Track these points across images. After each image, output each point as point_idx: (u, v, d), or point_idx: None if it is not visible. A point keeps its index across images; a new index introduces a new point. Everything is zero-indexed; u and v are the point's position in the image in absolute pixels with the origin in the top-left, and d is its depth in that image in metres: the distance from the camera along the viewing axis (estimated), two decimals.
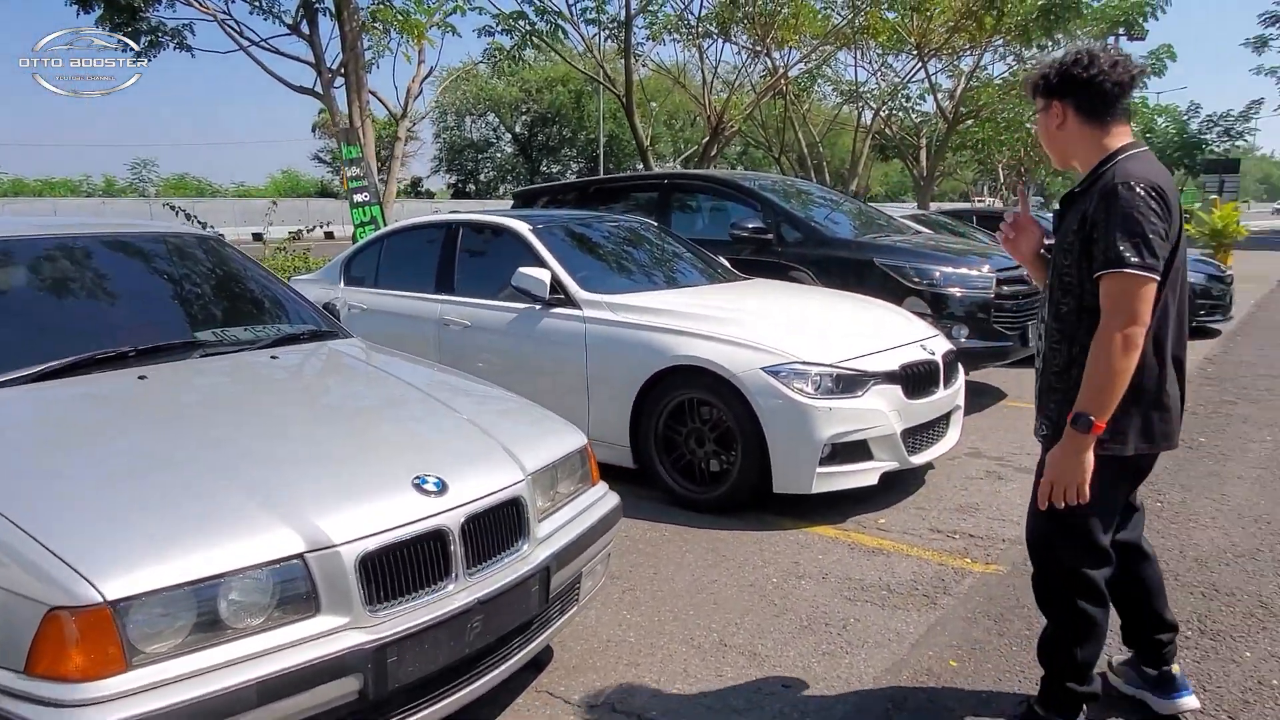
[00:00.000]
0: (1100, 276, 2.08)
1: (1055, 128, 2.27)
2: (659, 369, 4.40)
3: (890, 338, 4.51)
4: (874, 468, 4.23)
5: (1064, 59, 2.23)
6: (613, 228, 5.85)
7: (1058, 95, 2.24)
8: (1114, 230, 2.06)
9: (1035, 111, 2.37)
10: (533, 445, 2.62)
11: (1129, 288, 2.05)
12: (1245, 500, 4.51)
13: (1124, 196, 2.08)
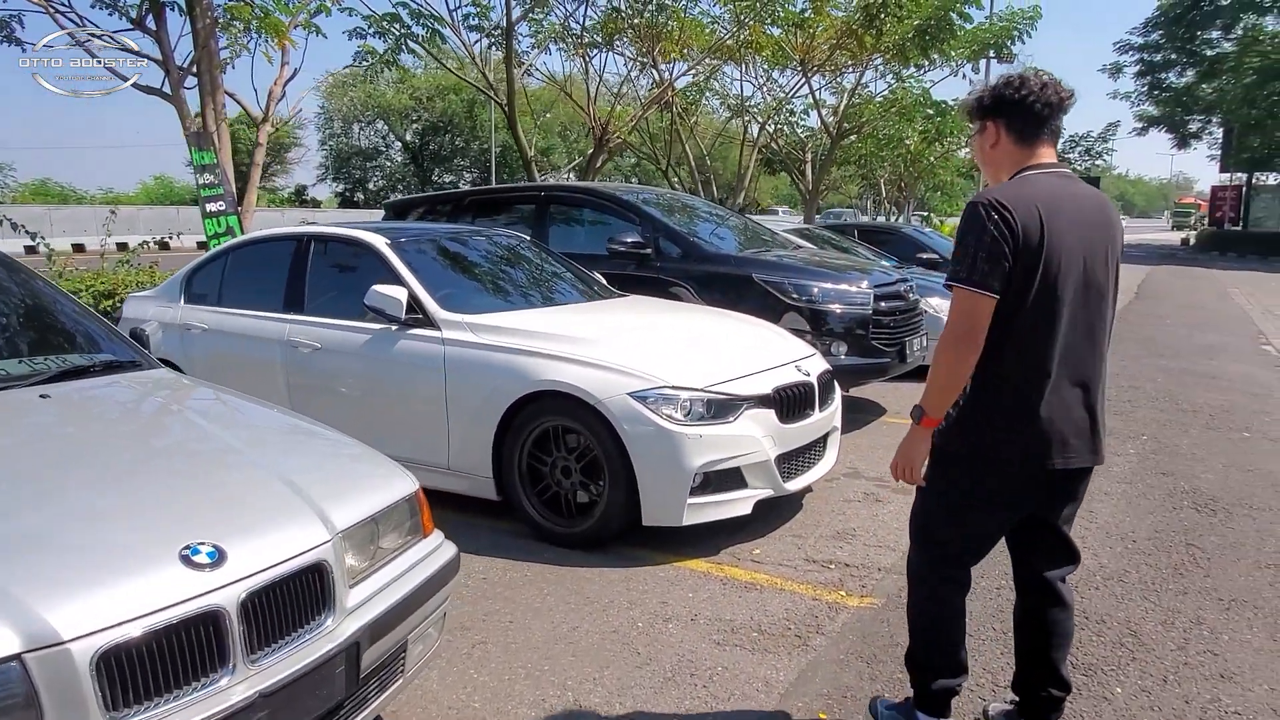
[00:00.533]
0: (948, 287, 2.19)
1: (989, 147, 2.32)
2: (522, 394, 4.10)
3: (764, 359, 4.34)
4: (748, 496, 4.04)
5: (998, 82, 2.30)
6: (482, 242, 5.51)
7: (991, 116, 2.29)
8: (956, 245, 2.17)
9: (972, 134, 2.41)
10: (348, 497, 2.28)
11: (958, 301, 2.15)
12: (1111, 518, 4.53)
13: (968, 213, 2.17)
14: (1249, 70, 35.07)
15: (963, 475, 2.29)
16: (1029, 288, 2.13)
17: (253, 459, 2.38)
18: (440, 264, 5.10)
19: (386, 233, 5.03)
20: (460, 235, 5.52)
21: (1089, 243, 2.19)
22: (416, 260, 4.90)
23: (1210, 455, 5.74)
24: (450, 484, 4.45)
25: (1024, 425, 2.21)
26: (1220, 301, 16.96)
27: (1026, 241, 2.11)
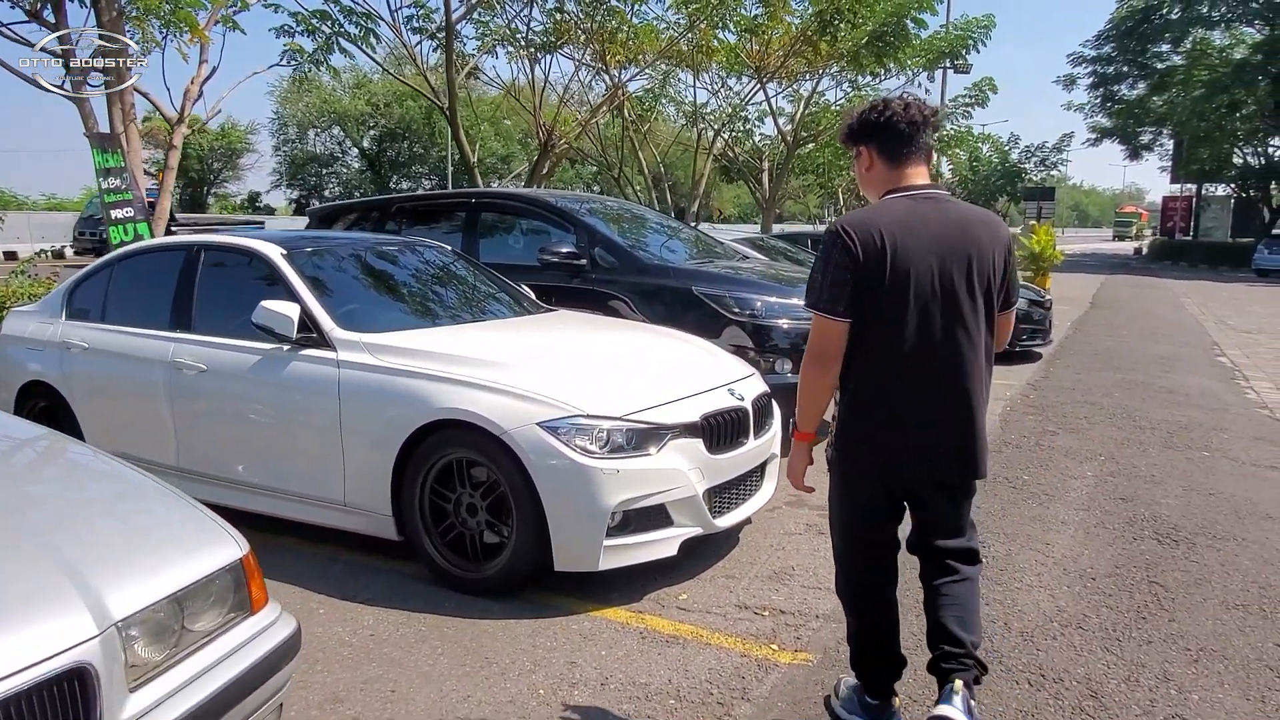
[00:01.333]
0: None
1: (865, 170, 2.42)
2: (422, 423, 3.67)
3: (693, 382, 3.95)
4: (673, 536, 3.64)
5: (863, 108, 2.39)
6: (395, 253, 5.07)
7: (862, 141, 2.38)
8: (811, 271, 2.34)
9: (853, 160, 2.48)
10: (144, 571, 1.84)
11: (814, 324, 2.34)
12: (1069, 551, 4.21)
13: (824, 239, 2.32)
14: (1198, 83, 35.68)
15: (839, 482, 2.52)
16: (875, 307, 2.25)
17: (29, 527, 1.92)
18: (345, 277, 4.66)
19: (283, 242, 4.57)
20: (372, 245, 5.07)
21: (942, 262, 2.26)
22: (316, 273, 4.46)
23: (1170, 477, 5.46)
24: (347, 522, 4.00)
25: (882, 437, 2.36)
26: (1174, 311, 16.97)
27: (867, 264, 2.21)
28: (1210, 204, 46.28)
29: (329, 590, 3.73)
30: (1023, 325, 10.11)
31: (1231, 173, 41.96)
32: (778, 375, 5.72)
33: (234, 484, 4.30)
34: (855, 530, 2.55)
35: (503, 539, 3.61)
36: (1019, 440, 6.34)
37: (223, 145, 53.59)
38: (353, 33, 9.44)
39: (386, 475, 3.78)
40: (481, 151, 51.19)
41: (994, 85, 20.31)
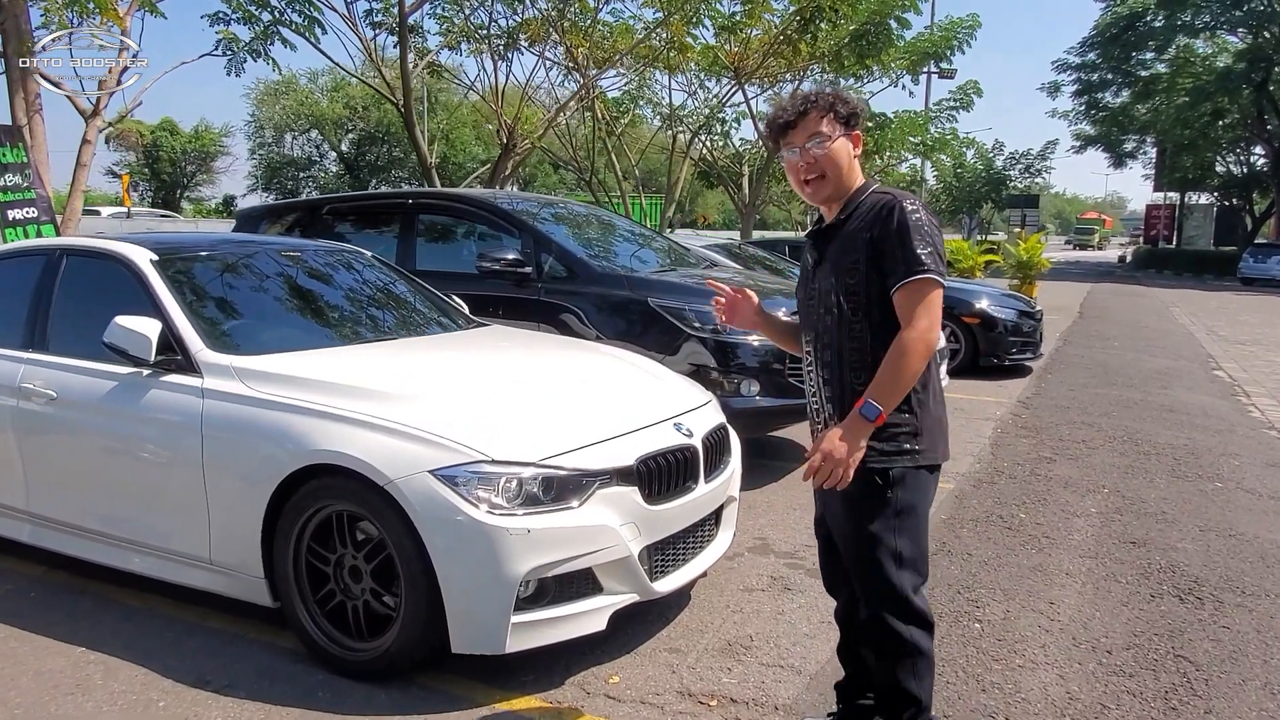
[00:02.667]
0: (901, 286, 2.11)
1: (855, 156, 2.28)
2: (294, 469, 2.99)
3: (631, 415, 3.29)
4: (602, 606, 2.97)
5: (831, 95, 2.25)
6: (299, 259, 4.38)
7: (850, 124, 2.25)
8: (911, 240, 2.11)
9: (824, 140, 2.22)
10: None
11: (935, 295, 2.11)
12: (1078, 613, 3.57)
13: (907, 212, 2.14)
14: (1181, 91, 35.46)
15: (914, 486, 2.20)
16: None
17: None
18: (232, 288, 3.98)
19: (157, 245, 3.89)
20: (271, 250, 4.38)
21: None
22: (195, 282, 3.79)
23: (1184, 515, 4.84)
24: (215, 583, 3.32)
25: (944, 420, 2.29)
26: (1164, 321, 16.48)
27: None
28: (1193, 212, 46.17)
29: (180, 672, 3.04)
30: (1012, 338, 9.53)
31: (1214, 181, 41.85)
32: (744, 399, 5.08)
33: (93, 534, 3.61)
34: (925, 542, 2.26)
35: (391, 611, 2.93)
36: (1012, 469, 5.72)
37: (196, 148, 52.62)
38: (296, 21, 8.74)
39: (256, 530, 3.10)
40: (463, 156, 50.48)
41: (979, 89, 19.85)
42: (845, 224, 2.23)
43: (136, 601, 3.60)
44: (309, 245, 4.73)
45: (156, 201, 52.08)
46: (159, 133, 51.04)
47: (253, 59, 8.71)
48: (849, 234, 2.20)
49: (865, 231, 2.15)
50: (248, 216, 7.15)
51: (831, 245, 2.25)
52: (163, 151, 51.55)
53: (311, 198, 11.76)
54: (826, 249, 2.27)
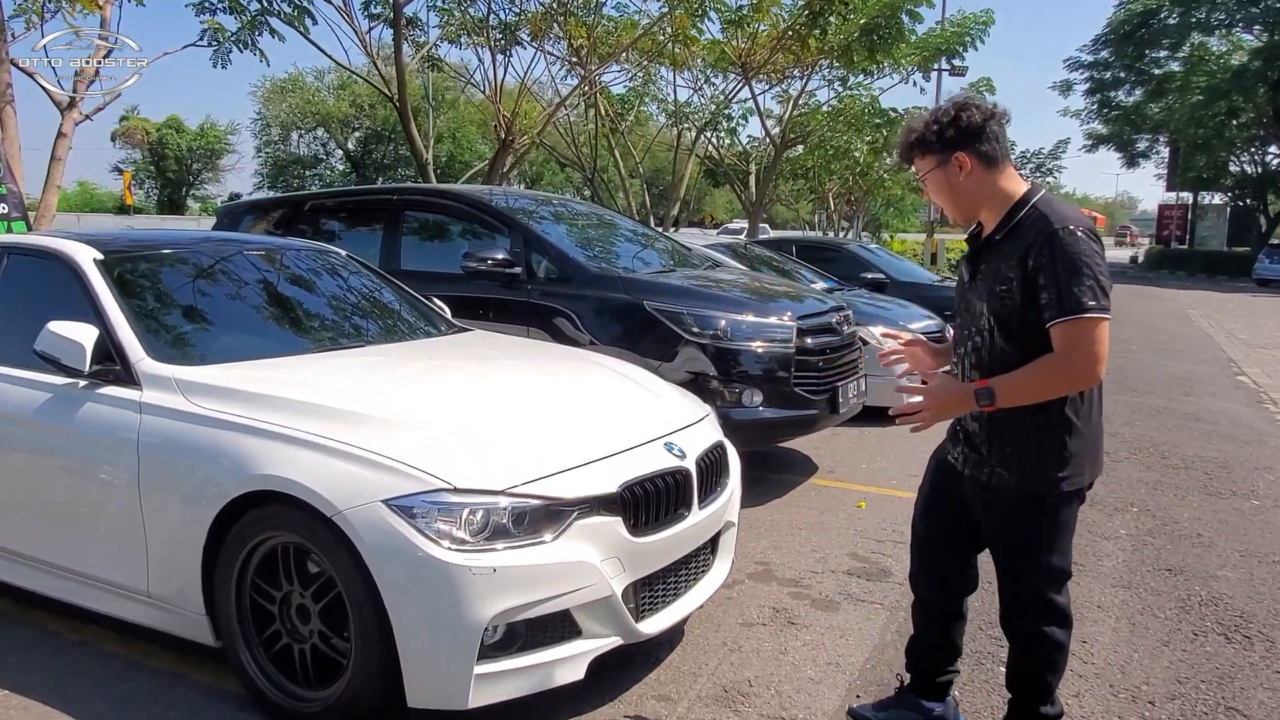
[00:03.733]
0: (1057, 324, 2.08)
1: (963, 179, 2.22)
2: (236, 495, 2.66)
3: (617, 435, 2.94)
4: (581, 652, 2.63)
5: (946, 114, 2.21)
6: (265, 259, 4.05)
7: (956, 147, 2.20)
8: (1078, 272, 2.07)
9: (921, 176, 2.31)
10: None
11: (1099, 329, 2.06)
12: (1114, 655, 3.22)
13: (1076, 240, 2.08)
14: (1195, 90, 34.94)
15: (1063, 506, 2.23)
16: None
17: None
18: (185, 291, 3.64)
19: (104, 243, 3.56)
20: (234, 249, 4.06)
21: None
22: (145, 284, 3.47)
23: (1221, 537, 4.48)
24: (155, 618, 2.98)
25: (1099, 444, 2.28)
26: (1182, 324, 16.07)
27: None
28: (1206, 212, 45.58)
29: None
30: None
31: (1228, 181, 41.28)
32: (746, 410, 4.74)
33: (26, 560, 3.28)
34: (1070, 549, 2.31)
35: (342, 658, 2.60)
36: None
37: (202, 146, 52.49)
38: (285, 10, 8.41)
39: (196, 561, 2.77)
40: (470, 155, 50.16)
41: (991, 86, 19.38)
42: (1001, 242, 2.20)
43: (77, 635, 3.28)
44: (277, 244, 4.40)
45: (162, 200, 52.02)
46: (165, 130, 50.97)
47: (239, 50, 8.42)
48: (1003, 255, 2.17)
49: (1020, 257, 2.12)
50: (229, 213, 6.84)
51: (987, 261, 2.23)
52: (168, 149, 51.46)
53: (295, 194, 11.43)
54: (980, 265, 2.26)
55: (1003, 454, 2.21)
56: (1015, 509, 2.23)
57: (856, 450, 6.19)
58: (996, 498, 2.25)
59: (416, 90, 24.13)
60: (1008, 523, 2.26)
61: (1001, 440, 2.21)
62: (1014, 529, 2.25)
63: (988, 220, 2.28)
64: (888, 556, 4.17)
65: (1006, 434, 2.20)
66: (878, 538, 4.43)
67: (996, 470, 2.22)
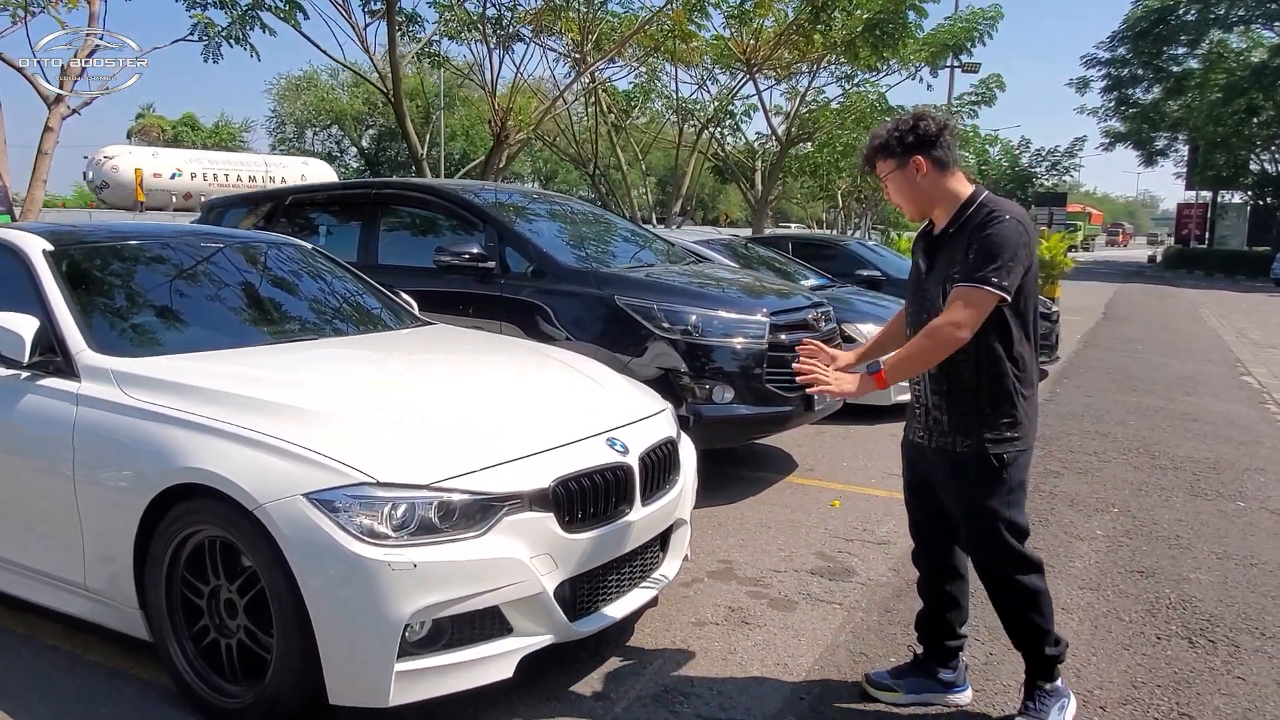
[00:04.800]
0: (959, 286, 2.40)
1: (919, 179, 2.53)
2: (163, 487, 2.63)
3: (554, 429, 2.89)
4: (510, 650, 2.59)
5: (905, 123, 2.55)
6: (220, 251, 4.02)
7: (914, 151, 2.51)
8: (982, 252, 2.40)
9: (882, 177, 2.62)
10: None
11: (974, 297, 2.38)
12: (1072, 658, 3.11)
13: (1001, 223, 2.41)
14: (1214, 87, 34.48)
15: (1016, 469, 2.51)
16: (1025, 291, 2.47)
17: None
18: (136, 282, 3.63)
19: (54, 235, 3.54)
20: (192, 241, 4.03)
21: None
22: (92, 276, 3.46)
23: (1199, 539, 4.38)
24: (92, 612, 2.97)
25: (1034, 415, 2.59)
26: (1192, 323, 15.85)
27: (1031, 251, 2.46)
28: (1226, 211, 44.97)
29: (36, 716, 2.70)
30: None
31: (1248, 179, 40.66)
32: (716, 406, 4.69)
33: None
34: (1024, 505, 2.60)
35: (267, 653, 2.56)
36: None
37: (217, 143, 52.87)
38: (277, 5, 8.40)
39: (128, 554, 2.75)
40: (482, 152, 50.31)
41: (1001, 83, 19.24)
42: (953, 235, 2.50)
43: (24, 629, 3.26)
44: (238, 236, 4.38)
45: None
46: (180, 128, 51.39)
47: (229, 45, 8.42)
48: (954, 246, 2.47)
49: (965, 245, 2.42)
50: (211, 207, 6.84)
51: (940, 254, 2.54)
52: (184, 146, 51.79)
53: (276, 188, 11.41)
54: (936, 257, 2.56)
55: (962, 423, 2.51)
56: (976, 469, 2.49)
57: (839, 448, 6.11)
58: (959, 461, 2.52)
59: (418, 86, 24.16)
60: (969, 483, 2.52)
61: (959, 412, 2.51)
62: (975, 488, 2.51)
63: (939, 217, 2.57)
64: (854, 556, 4.10)
65: (963, 406, 2.50)
66: (847, 537, 4.35)
67: (956, 438, 2.52)
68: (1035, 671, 2.63)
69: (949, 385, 2.51)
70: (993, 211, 2.42)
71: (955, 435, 2.52)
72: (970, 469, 2.50)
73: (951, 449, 2.53)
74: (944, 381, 2.52)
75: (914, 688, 2.82)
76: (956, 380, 2.49)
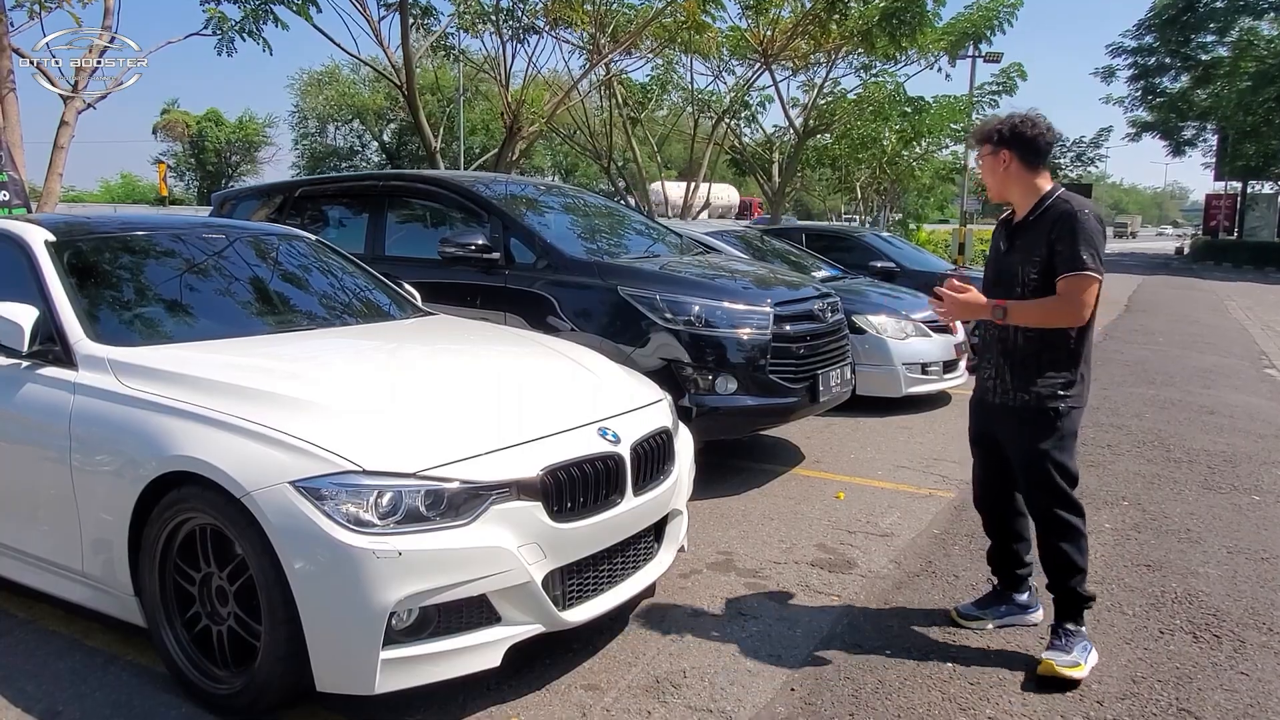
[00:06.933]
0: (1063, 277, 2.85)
1: (1002, 170, 3.00)
2: (156, 475, 2.65)
3: (545, 419, 2.88)
4: (498, 639, 2.59)
5: (1013, 119, 2.99)
6: (223, 243, 4.04)
7: (1006, 145, 2.97)
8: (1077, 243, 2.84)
9: (979, 157, 3.13)
10: None
11: (1082, 284, 2.83)
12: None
13: (1082, 218, 2.86)
14: (1244, 75, 33.82)
15: (1071, 423, 2.99)
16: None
17: None
18: (138, 273, 3.65)
19: (57, 226, 3.58)
20: (195, 232, 4.05)
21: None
22: (94, 267, 3.49)
23: (1211, 533, 4.31)
24: (90, 598, 3.00)
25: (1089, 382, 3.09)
26: (1217, 316, 15.59)
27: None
28: (1256, 202, 44.15)
29: (33, 700, 2.73)
30: None
31: (1279, 169, 39.90)
32: (720, 397, 4.66)
33: None
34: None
35: (256, 640, 2.58)
36: None
37: (240, 138, 53.32)
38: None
39: (122, 541, 2.77)
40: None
41: (1023, 71, 18.99)
42: (1033, 224, 2.95)
43: (26, 614, 3.31)
44: (241, 227, 4.41)
45: (202, 191, 52.92)
46: (204, 123, 51.83)
47: (243, 39, 8.48)
48: (1035, 233, 2.93)
49: (1047, 235, 2.88)
50: (223, 200, 6.89)
51: (1021, 237, 2.99)
52: (208, 142, 52.34)
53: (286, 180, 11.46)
54: (1017, 239, 3.01)
55: (1025, 382, 2.95)
56: (1035, 419, 2.94)
57: (848, 441, 6.07)
58: (1021, 412, 2.96)
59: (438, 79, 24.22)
60: (1029, 433, 2.95)
61: (1025, 370, 2.95)
62: (1034, 435, 2.94)
63: (1018, 205, 3.02)
64: (856, 549, 4.06)
65: (1026, 369, 2.95)
66: (850, 529, 4.32)
67: (1020, 394, 2.96)
68: (1065, 614, 2.98)
69: (1017, 349, 2.95)
70: (1071, 208, 2.86)
71: (1018, 392, 2.95)
72: (1031, 419, 2.93)
73: (1015, 403, 2.97)
74: (1013, 345, 2.96)
75: (999, 614, 3.26)
76: (1024, 345, 2.94)
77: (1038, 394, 2.93)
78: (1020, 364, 2.97)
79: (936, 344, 7.20)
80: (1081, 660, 2.88)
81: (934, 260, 11.37)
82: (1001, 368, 3.03)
